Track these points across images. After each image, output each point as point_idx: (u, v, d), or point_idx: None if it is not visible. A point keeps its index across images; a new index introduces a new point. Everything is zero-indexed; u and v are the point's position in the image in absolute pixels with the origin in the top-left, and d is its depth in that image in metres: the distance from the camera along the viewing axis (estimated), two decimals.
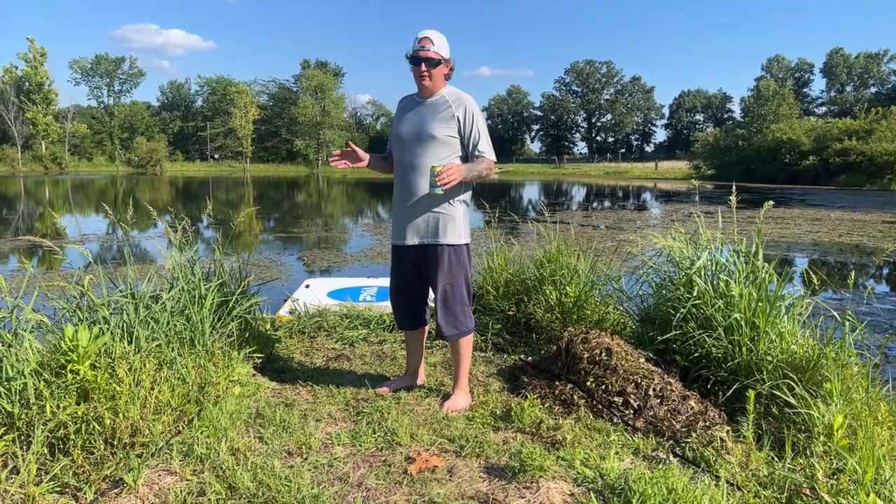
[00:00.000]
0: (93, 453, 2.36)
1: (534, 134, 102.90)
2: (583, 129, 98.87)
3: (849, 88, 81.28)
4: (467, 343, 3.16)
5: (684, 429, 2.81)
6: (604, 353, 3.23)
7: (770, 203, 3.67)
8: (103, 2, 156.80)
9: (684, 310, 3.36)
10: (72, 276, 3.09)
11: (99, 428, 2.40)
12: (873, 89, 79.07)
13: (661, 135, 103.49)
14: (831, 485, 2.26)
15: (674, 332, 3.39)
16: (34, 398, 2.42)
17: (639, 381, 3.05)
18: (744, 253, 3.52)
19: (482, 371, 3.66)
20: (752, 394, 2.70)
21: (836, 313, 3.13)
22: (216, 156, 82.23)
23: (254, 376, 3.46)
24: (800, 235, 13.31)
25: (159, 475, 2.38)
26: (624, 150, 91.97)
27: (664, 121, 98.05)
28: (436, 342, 4.10)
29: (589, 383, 3.14)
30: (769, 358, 3.02)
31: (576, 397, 3.09)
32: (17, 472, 2.19)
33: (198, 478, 2.36)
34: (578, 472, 2.43)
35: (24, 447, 2.28)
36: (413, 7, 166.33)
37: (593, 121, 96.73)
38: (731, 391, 3.03)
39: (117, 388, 2.51)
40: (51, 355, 2.60)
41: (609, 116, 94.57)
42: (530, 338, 4.23)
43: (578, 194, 33.21)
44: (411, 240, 3.08)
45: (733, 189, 3.96)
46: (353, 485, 2.36)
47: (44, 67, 66.97)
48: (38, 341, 2.70)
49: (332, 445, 2.67)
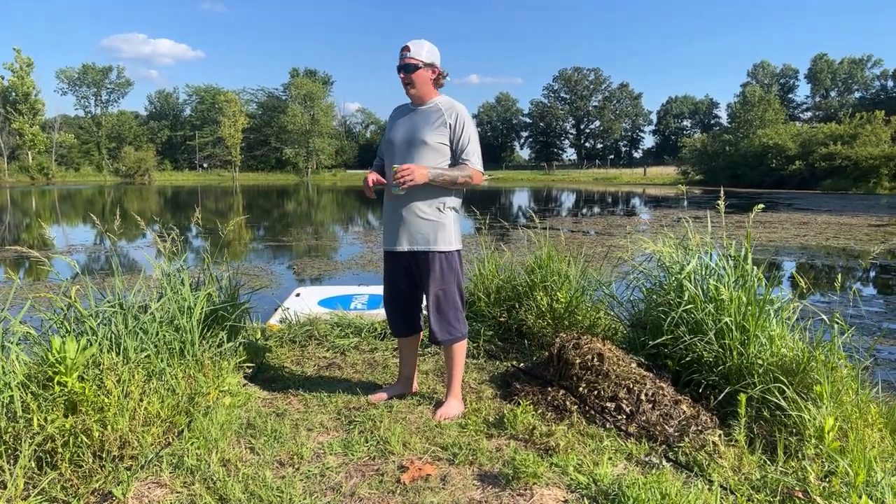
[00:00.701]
0: (81, 466, 2.33)
1: (523, 141, 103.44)
2: (571, 136, 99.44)
3: (833, 94, 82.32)
4: (461, 349, 3.16)
5: (677, 433, 2.81)
6: (595, 359, 3.23)
7: (759, 206, 3.70)
8: (91, 12, 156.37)
9: (675, 314, 3.38)
10: (59, 288, 3.05)
11: (87, 441, 2.37)
12: (857, 94, 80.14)
13: (649, 140, 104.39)
14: (823, 487, 2.27)
15: (665, 337, 3.40)
16: (21, 411, 2.38)
17: (631, 386, 3.06)
18: (733, 257, 3.54)
19: (474, 378, 3.66)
20: (743, 397, 2.72)
21: (824, 316, 3.15)
22: (205, 165, 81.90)
23: (244, 386, 3.44)
24: (787, 239, 13.42)
25: (149, 488, 2.36)
26: (613, 156, 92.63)
27: (652, 127, 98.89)
28: (428, 350, 4.09)
29: (581, 389, 3.14)
30: (760, 361, 3.04)
31: (568, 403, 3.09)
32: (4, 487, 2.16)
33: (188, 490, 2.33)
34: (572, 479, 2.43)
35: (11, 461, 2.25)
36: (402, 16, 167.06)
37: (582, 127, 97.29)
38: (722, 395, 3.04)
39: (106, 399, 2.48)
40: (38, 367, 2.57)
41: (597, 123, 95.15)
42: (522, 344, 4.22)
43: (568, 200, 33.34)
44: (402, 246, 3.08)
45: (721, 194, 3.99)
46: (345, 494, 2.34)
47: (30, 77, 66.57)
48: (25, 353, 2.66)
49: (325, 455, 2.65)
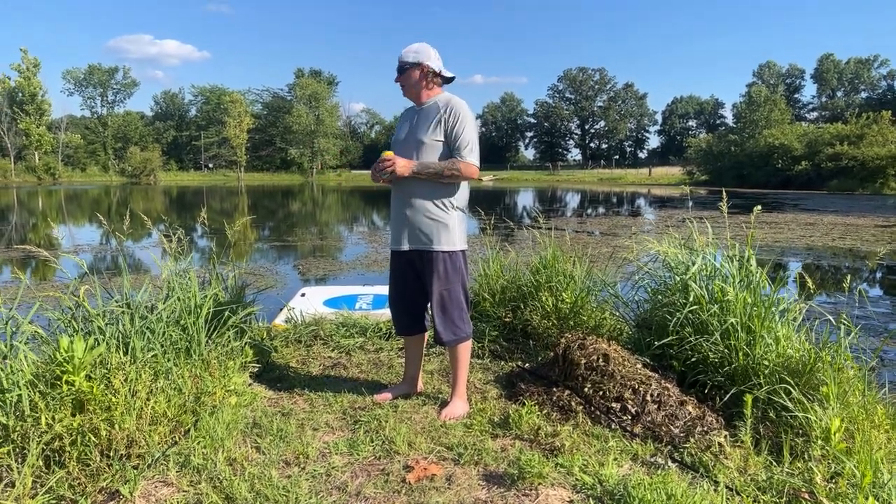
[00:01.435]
0: (89, 465, 2.34)
1: (528, 141, 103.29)
2: (576, 136, 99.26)
3: (840, 94, 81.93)
4: (465, 349, 3.16)
5: (682, 434, 2.81)
6: (601, 359, 3.23)
7: (758, 208, 3.69)
8: (98, 13, 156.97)
9: (680, 315, 3.37)
10: (67, 287, 3.07)
11: (95, 439, 2.38)
12: (864, 94, 79.76)
13: (654, 141, 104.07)
14: (830, 488, 2.26)
15: (670, 338, 3.40)
16: (29, 410, 2.40)
17: (636, 386, 3.05)
18: (737, 258, 3.53)
19: (479, 378, 3.66)
20: (749, 398, 2.71)
21: (830, 317, 3.14)
22: (210, 165, 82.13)
23: (250, 386, 3.45)
24: (793, 240, 13.37)
25: (156, 486, 2.37)
26: (617, 157, 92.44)
27: (657, 127, 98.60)
28: (433, 350, 4.09)
29: (586, 389, 3.14)
30: (765, 362, 3.03)
31: (573, 403, 3.09)
32: (12, 486, 2.17)
33: (194, 489, 2.34)
34: (577, 479, 2.43)
35: (19, 460, 2.26)
36: (406, 16, 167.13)
37: (587, 127, 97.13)
38: (728, 396, 3.03)
39: (113, 398, 2.49)
40: (46, 367, 2.58)
41: (602, 123, 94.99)
42: (527, 344, 4.22)
43: (573, 201, 33.30)
44: (406, 245, 3.11)
45: (724, 195, 3.98)
46: (351, 494, 2.35)
47: (37, 78, 66.94)
48: (34, 353, 2.68)
49: (330, 454, 2.65)
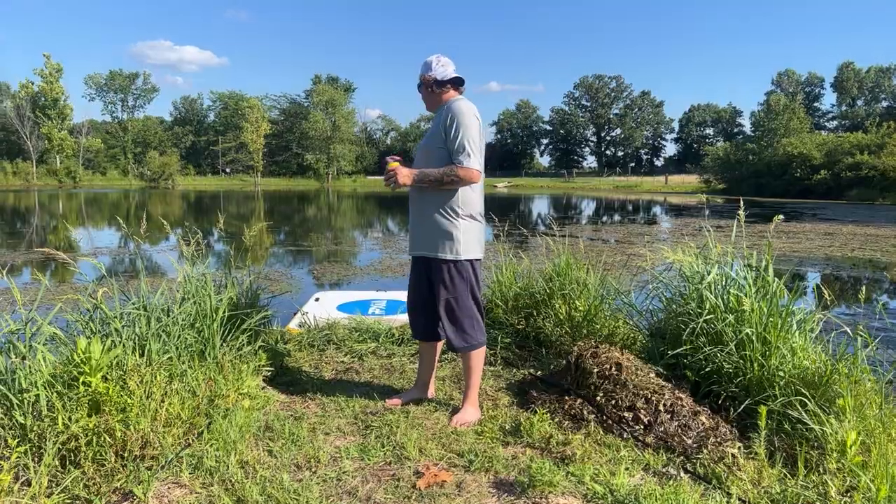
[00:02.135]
0: (103, 465, 2.38)
1: (543, 148, 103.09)
2: (592, 144, 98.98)
3: (860, 103, 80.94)
4: (478, 356, 3.16)
5: (695, 445, 2.78)
6: (614, 368, 3.21)
7: (779, 217, 3.66)
8: (120, 19, 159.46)
9: (695, 325, 3.35)
10: (85, 289, 3.12)
11: (110, 440, 2.41)
12: (885, 103, 78.73)
13: (671, 149, 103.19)
14: (844, 502, 2.23)
15: (684, 348, 3.37)
16: (46, 410, 2.44)
17: (649, 396, 3.03)
18: (754, 267, 3.50)
19: (491, 385, 3.65)
20: (763, 410, 2.68)
21: (848, 329, 3.10)
22: (227, 170, 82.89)
23: (263, 389, 3.47)
24: (812, 250, 13.21)
25: (169, 488, 2.39)
26: (633, 164, 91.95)
27: (674, 135, 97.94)
28: (445, 356, 4.09)
29: (599, 398, 3.12)
30: (781, 374, 3.00)
31: (585, 412, 3.08)
32: (28, 485, 2.21)
33: (207, 491, 2.36)
34: (588, 488, 2.42)
35: (35, 459, 2.30)
36: (422, 22, 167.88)
37: (602, 135, 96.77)
38: (742, 407, 3.00)
39: (128, 400, 2.52)
40: (63, 367, 2.62)
41: (618, 131, 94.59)
42: (540, 352, 4.21)
43: (588, 208, 33.18)
44: (417, 251, 3.16)
45: (741, 203, 3.95)
46: (361, 499, 2.36)
47: (59, 83, 67.93)
48: (52, 353, 2.72)
49: (341, 459, 2.67)
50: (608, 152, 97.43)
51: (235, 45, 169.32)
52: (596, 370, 3.24)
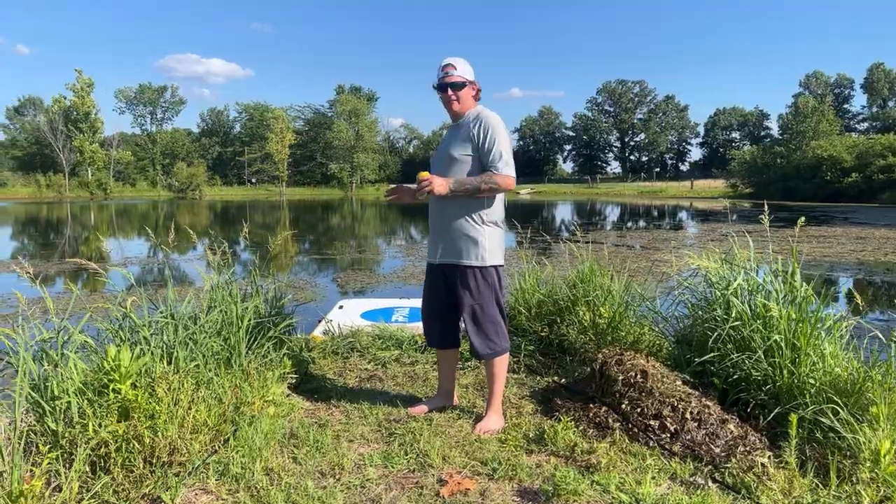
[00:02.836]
0: (132, 472, 2.42)
1: (566, 154, 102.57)
2: (616, 149, 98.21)
3: (891, 104, 79.14)
4: (502, 363, 3.15)
5: (723, 453, 2.73)
6: (639, 376, 3.18)
7: (802, 221, 3.59)
8: (149, 33, 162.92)
9: (722, 331, 3.29)
10: (115, 298, 3.19)
11: (139, 446, 2.45)
12: None
13: (696, 153, 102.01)
14: None
15: (711, 354, 3.32)
16: (77, 417, 2.49)
17: (675, 403, 2.99)
18: (781, 272, 3.44)
19: (515, 393, 3.64)
20: (794, 418, 2.63)
21: (880, 335, 3.03)
22: (253, 180, 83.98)
23: (288, 396, 3.50)
24: (843, 255, 12.92)
25: (196, 494, 2.42)
26: (658, 169, 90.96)
27: (699, 139, 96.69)
28: (468, 363, 4.09)
29: (624, 406, 3.09)
30: (811, 381, 2.93)
31: (610, 420, 3.04)
32: (60, 490, 2.25)
33: (233, 497, 2.39)
34: (614, 497, 2.39)
35: (66, 465, 2.34)
36: (444, 30, 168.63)
37: (626, 140, 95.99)
38: (772, 415, 2.94)
39: (157, 407, 2.57)
40: (94, 375, 2.68)
41: (643, 136, 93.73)
42: (564, 359, 4.18)
43: (612, 214, 32.91)
44: (439, 258, 3.15)
45: (766, 208, 3.90)
46: None
47: (90, 97, 69.62)
48: (83, 361, 2.78)
49: (365, 466, 2.67)
50: (632, 157, 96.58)
51: (260, 57, 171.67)
52: (621, 378, 3.20)
